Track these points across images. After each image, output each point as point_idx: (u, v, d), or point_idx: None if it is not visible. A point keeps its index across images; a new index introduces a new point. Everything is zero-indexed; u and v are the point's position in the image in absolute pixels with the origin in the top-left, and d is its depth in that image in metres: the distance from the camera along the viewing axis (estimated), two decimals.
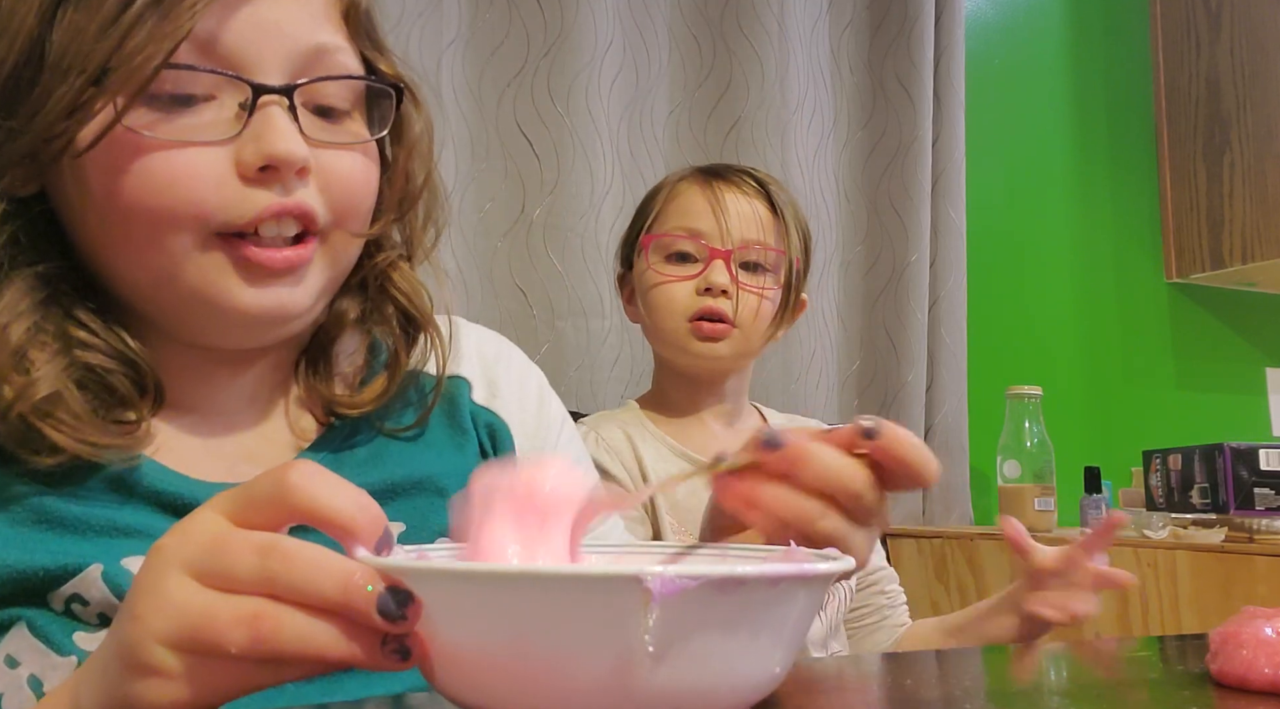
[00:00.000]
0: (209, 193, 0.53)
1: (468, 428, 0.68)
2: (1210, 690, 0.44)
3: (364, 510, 0.37)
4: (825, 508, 0.46)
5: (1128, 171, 2.29)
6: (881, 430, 0.47)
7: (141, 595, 0.36)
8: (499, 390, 0.71)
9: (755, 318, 1.13)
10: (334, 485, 0.37)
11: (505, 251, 1.54)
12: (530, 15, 1.56)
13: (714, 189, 1.14)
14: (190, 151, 0.53)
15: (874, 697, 0.47)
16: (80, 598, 0.51)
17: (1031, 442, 1.67)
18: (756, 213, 1.14)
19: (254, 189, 0.54)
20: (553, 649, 0.33)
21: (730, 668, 0.34)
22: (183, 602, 0.35)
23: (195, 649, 0.35)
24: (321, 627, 0.35)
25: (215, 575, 0.35)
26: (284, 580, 0.35)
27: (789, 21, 1.76)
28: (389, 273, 0.65)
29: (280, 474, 0.37)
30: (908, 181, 1.84)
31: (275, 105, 0.54)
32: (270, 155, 0.53)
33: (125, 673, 0.36)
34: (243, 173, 0.54)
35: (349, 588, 0.34)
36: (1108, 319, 2.22)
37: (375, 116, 0.61)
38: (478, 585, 0.33)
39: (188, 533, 0.37)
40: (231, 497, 0.38)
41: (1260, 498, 1.48)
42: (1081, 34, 2.26)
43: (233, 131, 0.54)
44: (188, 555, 0.36)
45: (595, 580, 0.33)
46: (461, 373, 0.70)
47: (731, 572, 0.33)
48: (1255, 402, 2.36)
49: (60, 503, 0.53)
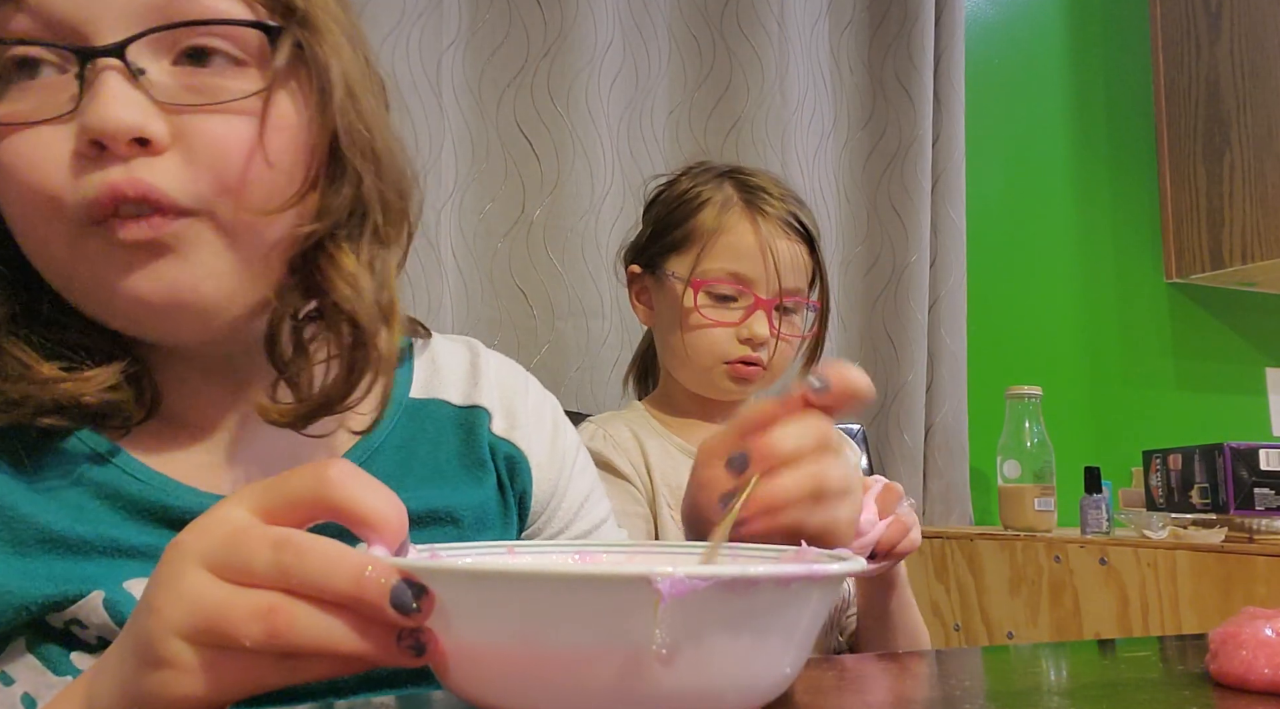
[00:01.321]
0: (54, 178, 0.48)
1: (485, 460, 0.65)
2: (1210, 691, 0.44)
3: (398, 512, 0.38)
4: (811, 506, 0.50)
5: (1128, 172, 2.29)
6: (829, 381, 0.51)
7: (159, 588, 0.36)
8: (518, 421, 0.68)
9: (786, 361, 1.17)
10: (372, 484, 0.38)
11: (505, 251, 1.54)
12: (530, 15, 1.56)
13: (761, 227, 1.13)
14: (32, 133, 0.48)
15: (874, 697, 0.47)
16: (80, 622, 0.50)
17: (1031, 442, 1.67)
18: (798, 257, 1.15)
19: (92, 172, 0.48)
20: (563, 649, 0.33)
21: (741, 669, 0.34)
22: (199, 595, 0.35)
23: (210, 642, 0.35)
24: (336, 621, 0.35)
25: (232, 569, 0.35)
26: (298, 574, 0.35)
27: (789, 21, 1.76)
28: (320, 258, 0.55)
29: (320, 470, 0.37)
30: (908, 182, 1.84)
31: (109, 69, 0.48)
32: (91, 127, 0.47)
33: (140, 666, 0.36)
34: (79, 151, 0.48)
35: (362, 581, 0.34)
36: (1108, 319, 2.22)
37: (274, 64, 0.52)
38: (490, 584, 0.33)
39: (207, 527, 0.37)
40: (263, 489, 0.38)
41: (1260, 498, 1.48)
42: (1081, 34, 2.26)
43: (70, 107, 0.48)
44: (205, 549, 0.36)
45: (605, 580, 0.33)
46: (482, 403, 0.67)
47: (743, 572, 0.33)
48: (1255, 402, 2.36)
49: (64, 521, 0.51)
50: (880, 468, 1.81)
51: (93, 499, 0.53)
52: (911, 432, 1.82)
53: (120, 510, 0.53)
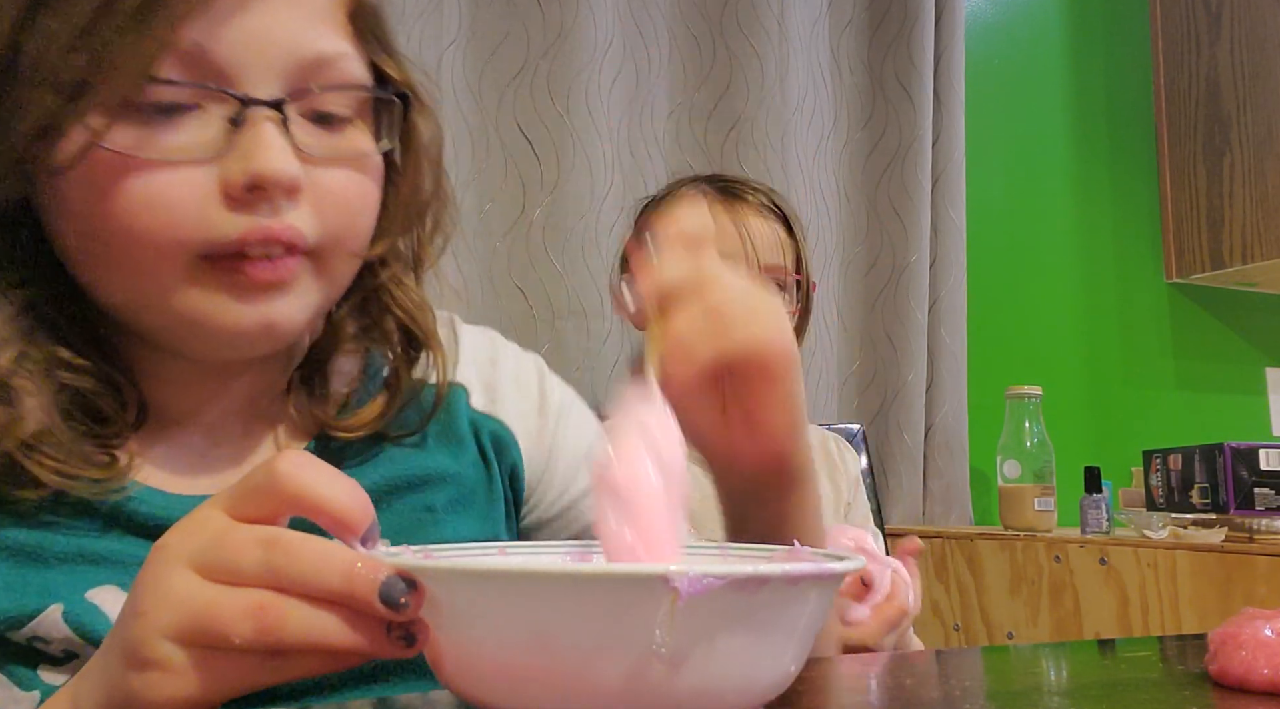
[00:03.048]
0: (190, 216, 0.49)
1: (464, 435, 0.64)
2: (1209, 691, 0.44)
3: (355, 499, 0.37)
4: None
5: (1128, 171, 2.29)
6: None
7: (145, 592, 0.36)
8: (498, 394, 0.67)
9: None
10: (324, 473, 0.37)
11: (505, 251, 1.54)
12: (530, 15, 1.56)
13: (737, 211, 1.14)
14: (171, 171, 0.49)
15: (874, 697, 0.47)
16: (41, 638, 0.49)
17: (1031, 442, 1.67)
18: (777, 235, 1.15)
19: (238, 213, 0.49)
20: (575, 648, 0.33)
21: (748, 666, 0.35)
22: (187, 596, 0.35)
23: (200, 642, 0.35)
24: (326, 617, 0.35)
25: (219, 569, 0.36)
26: (287, 572, 0.35)
27: (789, 21, 1.76)
28: (391, 289, 0.61)
29: (271, 464, 0.37)
30: (908, 182, 1.84)
31: (266, 120, 0.50)
32: (257, 174, 0.49)
33: (127, 669, 0.36)
34: (228, 192, 0.49)
35: (352, 578, 0.34)
36: (1108, 319, 2.22)
37: (382, 125, 0.57)
38: (502, 585, 0.33)
39: (189, 529, 0.37)
40: (230, 491, 0.38)
41: (1260, 498, 1.48)
42: (1081, 34, 2.26)
43: (219, 149, 0.49)
44: (191, 550, 0.36)
45: (621, 579, 0.33)
46: (458, 379, 0.66)
47: (756, 571, 0.33)
48: (1255, 402, 2.36)
49: (24, 529, 0.50)
50: (880, 468, 1.81)
51: (59, 506, 0.51)
52: (911, 431, 1.82)
53: (84, 517, 0.52)
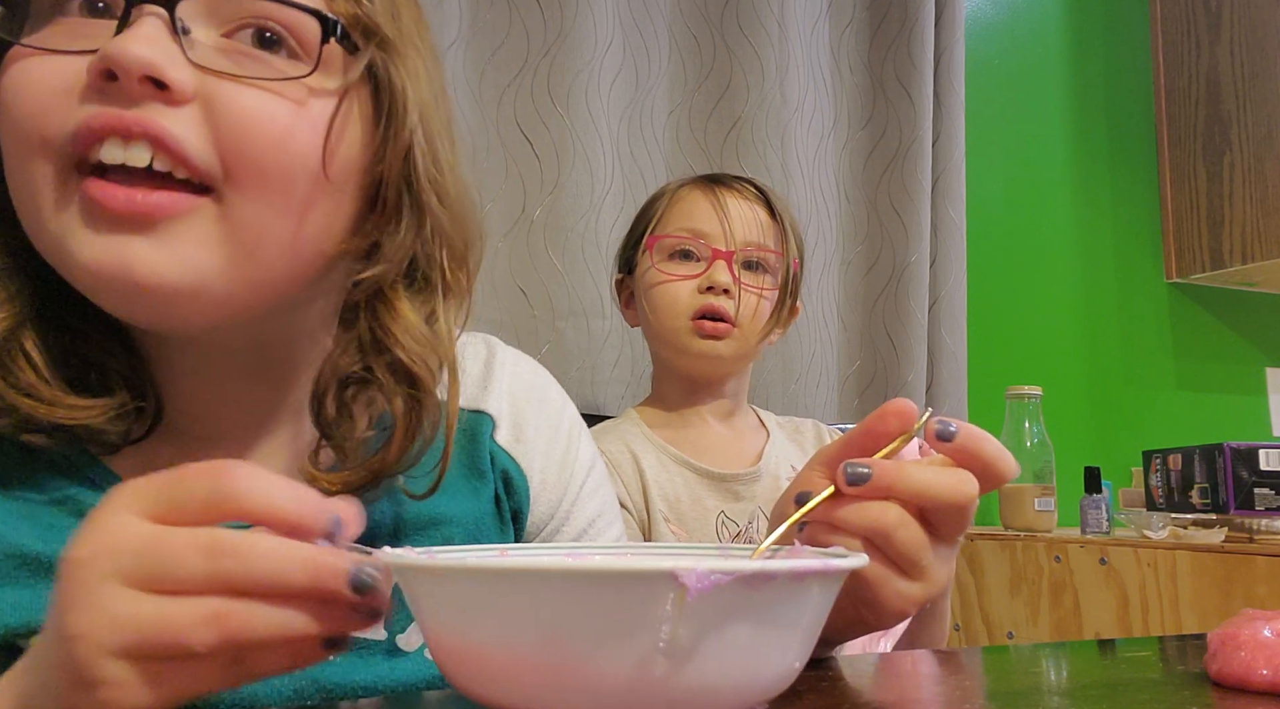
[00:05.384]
0: (53, 105, 0.44)
1: (485, 470, 0.61)
2: (1209, 691, 0.44)
3: (304, 503, 0.36)
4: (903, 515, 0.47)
5: (1128, 172, 2.29)
6: (958, 431, 0.48)
7: (74, 612, 0.34)
8: (525, 434, 0.63)
9: (754, 317, 1.15)
10: (279, 485, 0.36)
11: (505, 251, 1.53)
12: (530, 15, 1.56)
13: (716, 193, 1.16)
14: (48, 60, 0.45)
15: (874, 697, 0.47)
16: None
17: (1031, 442, 1.67)
18: (757, 216, 1.16)
19: (92, 101, 0.44)
20: (582, 646, 0.33)
21: (753, 662, 0.35)
22: (129, 612, 0.34)
23: (153, 655, 0.34)
24: (291, 613, 0.35)
25: (159, 580, 0.34)
26: (242, 576, 0.34)
27: (789, 21, 1.76)
28: (378, 308, 0.51)
29: (220, 476, 0.35)
30: (908, 182, 1.84)
31: (151, 15, 0.45)
32: (107, 55, 0.43)
33: (75, 688, 0.35)
34: (90, 82, 0.44)
35: (317, 572, 0.34)
36: (1108, 319, 2.22)
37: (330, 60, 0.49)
38: (509, 582, 0.33)
39: (100, 540, 0.35)
40: (148, 495, 0.36)
41: (1260, 498, 1.48)
42: (1081, 34, 2.26)
43: (99, 44, 0.44)
44: (120, 564, 0.34)
45: (629, 576, 0.33)
46: (487, 408, 0.62)
47: (763, 566, 0.33)
48: (1255, 402, 2.36)
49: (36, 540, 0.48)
50: None
51: (68, 517, 0.50)
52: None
53: None
